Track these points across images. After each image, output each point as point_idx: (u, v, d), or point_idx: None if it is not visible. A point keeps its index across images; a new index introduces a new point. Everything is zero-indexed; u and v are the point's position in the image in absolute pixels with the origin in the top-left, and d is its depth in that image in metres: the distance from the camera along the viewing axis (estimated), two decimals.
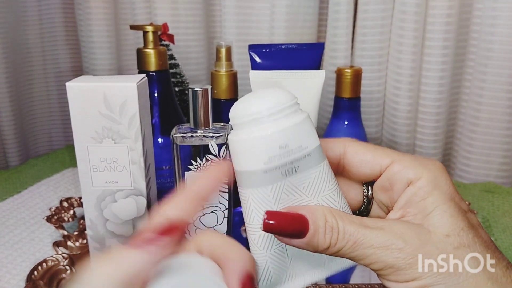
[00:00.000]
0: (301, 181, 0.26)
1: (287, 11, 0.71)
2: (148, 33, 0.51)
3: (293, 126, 0.25)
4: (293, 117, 0.25)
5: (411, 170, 0.26)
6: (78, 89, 0.37)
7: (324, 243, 0.25)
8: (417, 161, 0.27)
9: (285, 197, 0.26)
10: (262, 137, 0.25)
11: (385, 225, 0.25)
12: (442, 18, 0.66)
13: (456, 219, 0.25)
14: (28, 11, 0.78)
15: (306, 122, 0.26)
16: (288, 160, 0.25)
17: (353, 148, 0.28)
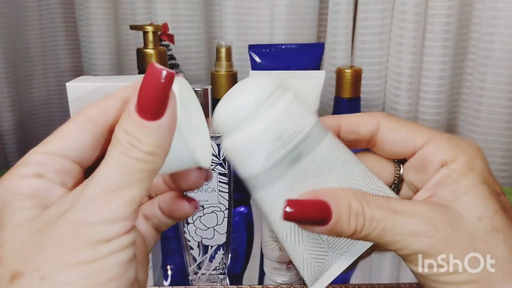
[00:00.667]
0: (309, 165, 0.24)
1: (287, 11, 0.71)
2: (148, 33, 0.51)
3: (281, 113, 0.23)
4: (279, 103, 0.24)
5: (446, 151, 0.25)
6: (78, 89, 0.37)
7: (348, 229, 0.24)
8: (453, 141, 0.25)
9: (300, 186, 0.24)
10: (253, 137, 0.23)
11: (415, 210, 0.24)
12: (442, 18, 0.66)
13: (489, 202, 0.24)
14: (28, 11, 0.78)
15: (294, 103, 0.24)
16: (287, 150, 0.24)
17: (387, 124, 0.26)
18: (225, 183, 0.39)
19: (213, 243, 0.42)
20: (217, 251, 0.42)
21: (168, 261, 0.50)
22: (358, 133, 0.27)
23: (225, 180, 0.39)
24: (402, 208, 0.24)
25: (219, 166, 0.39)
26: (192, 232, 0.41)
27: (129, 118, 0.20)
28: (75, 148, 0.22)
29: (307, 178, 0.24)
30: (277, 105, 0.24)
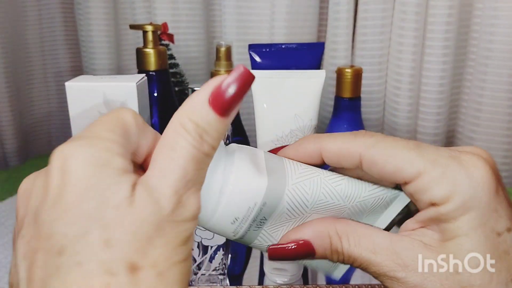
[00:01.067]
0: (279, 217, 0.25)
1: (287, 11, 0.71)
2: (147, 33, 0.51)
3: (227, 202, 0.23)
4: (225, 188, 0.23)
5: (437, 190, 0.22)
6: (77, 89, 0.37)
7: (333, 260, 0.25)
8: (447, 176, 0.22)
9: (278, 232, 0.25)
10: (215, 225, 0.24)
11: (397, 248, 0.23)
12: (443, 18, 0.66)
13: (483, 247, 0.22)
14: (28, 10, 0.78)
15: (238, 179, 0.23)
16: (249, 223, 0.24)
17: (370, 159, 0.24)
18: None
19: (213, 243, 0.42)
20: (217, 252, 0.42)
21: None
22: (341, 165, 0.25)
23: None
24: (382, 244, 0.24)
25: None
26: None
27: (202, 110, 0.20)
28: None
29: (282, 226, 0.25)
30: (224, 190, 0.23)
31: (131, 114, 0.21)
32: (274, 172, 0.24)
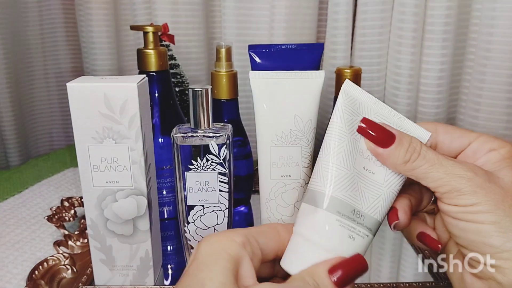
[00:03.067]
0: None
1: (287, 11, 0.71)
2: (148, 34, 0.51)
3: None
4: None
5: (495, 142, 0.31)
6: (78, 90, 0.37)
7: (404, 156, 0.29)
8: (498, 138, 0.32)
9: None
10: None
11: (461, 162, 0.29)
12: (441, 19, 0.66)
13: None
14: (29, 11, 0.78)
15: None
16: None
17: (444, 128, 0.32)
18: (225, 182, 0.40)
19: None
20: None
21: (169, 261, 0.50)
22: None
23: (226, 180, 0.40)
24: (450, 158, 0.30)
25: (219, 166, 0.39)
26: (192, 232, 0.41)
27: (321, 272, 0.27)
28: (264, 242, 0.29)
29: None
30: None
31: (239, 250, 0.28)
32: None
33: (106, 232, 0.41)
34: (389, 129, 0.30)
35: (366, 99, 0.31)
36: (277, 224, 0.30)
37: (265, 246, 0.29)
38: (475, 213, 0.28)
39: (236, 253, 0.26)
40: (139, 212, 0.41)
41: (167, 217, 0.54)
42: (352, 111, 0.30)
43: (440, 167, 0.29)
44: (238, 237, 0.27)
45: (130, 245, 0.42)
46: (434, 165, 0.29)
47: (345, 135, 0.30)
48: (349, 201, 0.29)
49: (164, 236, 0.48)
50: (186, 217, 0.41)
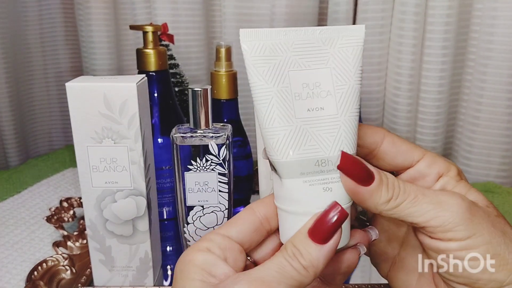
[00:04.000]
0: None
1: (287, 11, 0.71)
2: (148, 33, 0.51)
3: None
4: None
5: (441, 165, 0.29)
6: (78, 89, 0.37)
7: (387, 195, 0.26)
8: (442, 158, 0.30)
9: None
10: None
11: (443, 191, 0.27)
12: (442, 18, 0.66)
13: (485, 198, 0.29)
14: (28, 11, 0.78)
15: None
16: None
17: (391, 139, 0.30)
18: (225, 183, 0.39)
19: None
20: None
21: (168, 261, 0.50)
22: (364, 141, 0.29)
23: (225, 180, 0.39)
24: (426, 188, 0.28)
25: (219, 166, 0.39)
26: (192, 232, 0.41)
27: (300, 236, 0.25)
28: (238, 231, 0.28)
29: None
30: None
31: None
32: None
33: (105, 233, 0.41)
34: (367, 166, 0.27)
35: (272, 36, 0.26)
36: (252, 204, 0.29)
37: (241, 234, 0.28)
38: (474, 248, 0.26)
39: (201, 261, 0.26)
40: (139, 213, 0.40)
41: (166, 217, 0.54)
42: (264, 60, 0.26)
43: (424, 198, 0.26)
44: (202, 244, 0.27)
45: (129, 246, 0.41)
46: (417, 197, 0.26)
47: (270, 90, 0.26)
48: (308, 155, 0.26)
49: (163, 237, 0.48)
50: (186, 217, 0.41)
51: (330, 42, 0.27)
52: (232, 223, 0.28)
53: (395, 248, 0.32)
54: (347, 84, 0.27)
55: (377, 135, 0.29)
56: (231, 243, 0.27)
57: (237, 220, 0.28)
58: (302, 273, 0.25)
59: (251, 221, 0.28)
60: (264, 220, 0.28)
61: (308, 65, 0.27)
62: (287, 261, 0.25)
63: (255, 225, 0.28)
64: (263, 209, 0.28)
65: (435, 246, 0.27)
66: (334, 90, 0.26)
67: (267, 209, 0.28)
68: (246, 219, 0.28)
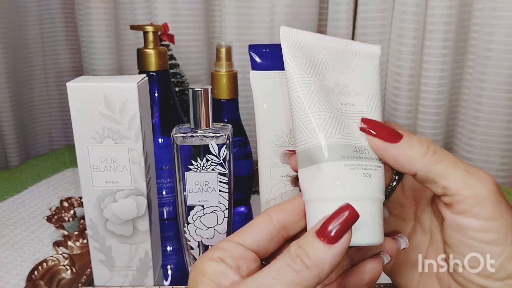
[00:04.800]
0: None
1: (287, 11, 0.71)
2: (148, 33, 0.51)
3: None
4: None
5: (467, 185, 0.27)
6: (78, 89, 0.37)
7: (421, 148, 0.25)
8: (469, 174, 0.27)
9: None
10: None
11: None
12: (442, 18, 0.66)
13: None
14: (29, 11, 0.78)
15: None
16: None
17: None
18: (225, 183, 0.39)
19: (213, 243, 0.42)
20: None
21: (168, 261, 0.50)
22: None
23: (225, 180, 0.39)
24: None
25: (219, 166, 0.39)
26: (192, 232, 0.41)
27: (308, 236, 0.24)
28: (253, 239, 0.27)
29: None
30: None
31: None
32: None
33: (106, 233, 0.41)
34: (394, 127, 0.27)
35: (308, 38, 0.29)
36: (269, 210, 0.28)
37: (257, 242, 0.27)
38: (493, 231, 0.25)
39: (211, 272, 0.25)
40: (139, 213, 0.40)
41: (166, 217, 0.54)
42: (303, 54, 0.28)
43: (462, 164, 0.25)
44: (215, 253, 0.26)
45: (129, 246, 0.41)
46: (456, 162, 0.25)
47: (309, 79, 0.27)
48: (347, 141, 0.26)
49: (163, 237, 0.48)
50: (186, 217, 0.41)
51: (353, 53, 0.29)
52: (247, 230, 0.27)
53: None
54: (372, 88, 0.29)
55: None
56: (245, 252, 0.26)
57: (253, 228, 0.27)
58: (304, 274, 0.23)
59: (267, 229, 0.27)
60: (281, 228, 0.27)
61: (337, 68, 0.28)
62: (287, 265, 0.23)
63: (271, 233, 0.27)
64: (280, 216, 0.27)
65: (456, 222, 0.26)
66: (362, 91, 0.28)
67: (285, 216, 0.27)
68: (263, 226, 0.27)
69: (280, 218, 0.27)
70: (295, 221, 0.28)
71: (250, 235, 0.27)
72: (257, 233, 0.27)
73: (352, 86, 0.28)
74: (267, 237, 0.27)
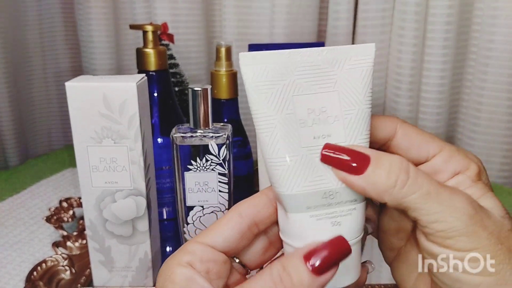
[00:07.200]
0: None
1: (287, 11, 0.71)
2: (147, 33, 0.51)
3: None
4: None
5: (459, 161, 0.26)
6: (77, 89, 0.37)
7: (387, 180, 0.23)
8: (462, 153, 0.27)
9: None
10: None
11: (457, 190, 0.24)
12: (443, 18, 0.66)
13: (502, 206, 0.26)
14: (28, 10, 0.78)
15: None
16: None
17: (404, 130, 0.27)
18: (225, 183, 0.39)
19: None
20: None
21: None
22: (375, 136, 0.27)
23: (225, 180, 0.39)
24: (445, 184, 0.24)
25: (219, 166, 0.39)
26: (192, 232, 0.41)
27: (294, 259, 0.23)
28: (224, 239, 0.25)
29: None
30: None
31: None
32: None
33: (105, 233, 0.41)
34: (360, 150, 0.24)
35: (276, 59, 0.24)
36: (238, 205, 0.26)
37: (226, 241, 0.25)
38: (473, 261, 0.23)
39: (179, 278, 0.24)
40: (138, 213, 0.40)
41: (166, 218, 0.54)
42: (267, 85, 0.24)
43: (437, 197, 0.23)
44: (183, 257, 0.24)
45: (129, 246, 0.41)
46: (430, 194, 0.23)
47: (273, 117, 0.24)
48: (315, 188, 0.24)
49: (163, 237, 0.48)
50: (186, 218, 0.40)
51: (337, 63, 0.25)
52: (217, 229, 0.26)
53: (402, 239, 0.29)
54: (356, 108, 0.25)
55: (389, 127, 0.27)
56: (214, 255, 0.25)
57: (223, 226, 0.26)
58: None
59: (238, 227, 0.26)
60: (252, 224, 0.26)
61: (314, 88, 0.25)
62: (271, 285, 0.22)
63: (242, 231, 0.26)
64: (251, 212, 0.26)
65: (430, 249, 0.25)
66: (342, 115, 0.25)
67: (255, 211, 0.26)
68: (233, 224, 0.26)
69: (251, 214, 0.26)
70: (266, 217, 0.26)
71: (220, 235, 0.25)
72: (227, 231, 0.25)
73: (331, 109, 0.25)
74: (237, 235, 0.26)
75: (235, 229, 0.26)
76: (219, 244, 0.25)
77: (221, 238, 0.25)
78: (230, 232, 0.25)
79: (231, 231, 0.25)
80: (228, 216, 0.26)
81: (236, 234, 0.26)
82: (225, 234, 0.25)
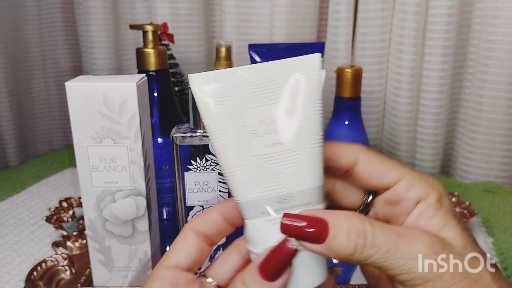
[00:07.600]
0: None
1: (287, 11, 0.71)
2: (147, 33, 0.51)
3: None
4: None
5: (419, 188, 0.27)
6: (77, 89, 0.37)
7: (347, 248, 0.24)
8: (423, 179, 0.27)
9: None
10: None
11: (416, 234, 0.25)
12: (443, 18, 0.66)
13: (465, 233, 0.26)
14: (28, 10, 0.78)
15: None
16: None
17: (366, 159, 0.28)
18: (225, 183, 0.39)
19: None
20: (217, 251, 0.42)
21: None
22: (338, 163, 0.28)
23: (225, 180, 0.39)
24: (403, 231, 0.25)
25: (218, 166, 0.39)
26: None
27: (251, 273, 0.25)
28: (186, 257, 0.27)
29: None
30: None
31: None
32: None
33: (105, 233, 0.41)
34: (318, 215, 0.24)
35: (226, 77, 0.26)
36: (190, 222, 0.28)
37: (190, 258, 0.27)
38: None
39: None
40: (138, 213, 0.40)
41: (166, 217, 0.54)
42: (217, 102, 0.26)
43: (397, 252, 0.24)
44: (153, 285, 0.26)
45: (129, 246, 0.41)
46: (389, 252, 0.24)
47: (224, 131, 0.26)
48: (268, 194, 0.25)
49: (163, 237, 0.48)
50: (186, 217, 0.40)
51: (284, 75, 0.26)
52: (177, 249, 0.27)
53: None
54: (305, 116, 0.26)
55: (351, 155, 0.28)
56: (181, 275, 0.26)
57: (182, 244, 0.28)
58: None
59: (196, 242, 0.28)
60: (206, 238, 0.28)
61: (263, 101, 0.26)
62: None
63: (200, 246, 0.28)
64: (203, 227, 0.28)
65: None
66: (291, 123, 0.26)
67: (207, 227, 0.28)
68: (191, 241, 0.27)
69: (203, 229, 0.28)
70: (219, 230, 0.28)
71: (181, 254, 0.27)
72: (187, 248, 0.27)
73: (280, 119, 0.26)
74: (197, 250, 0.27)
75: (194, 244, 0.27)
76: (183, 262, 0.27)
77: (183, 256, 0.27)
78: (190, 248, 0.27)
79: (190, 248, 0.27)
80: (183, 234, 0.28)
81: (196, 249, 0.27)
82: (186, 252, 0.27)
